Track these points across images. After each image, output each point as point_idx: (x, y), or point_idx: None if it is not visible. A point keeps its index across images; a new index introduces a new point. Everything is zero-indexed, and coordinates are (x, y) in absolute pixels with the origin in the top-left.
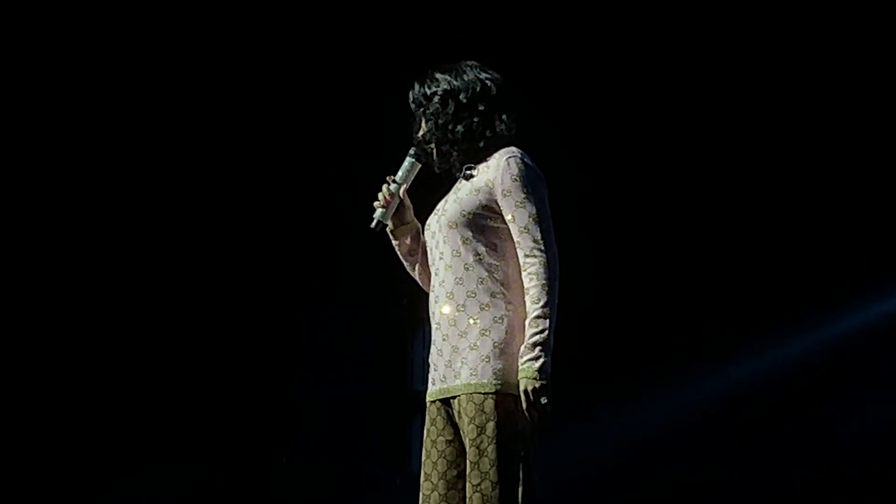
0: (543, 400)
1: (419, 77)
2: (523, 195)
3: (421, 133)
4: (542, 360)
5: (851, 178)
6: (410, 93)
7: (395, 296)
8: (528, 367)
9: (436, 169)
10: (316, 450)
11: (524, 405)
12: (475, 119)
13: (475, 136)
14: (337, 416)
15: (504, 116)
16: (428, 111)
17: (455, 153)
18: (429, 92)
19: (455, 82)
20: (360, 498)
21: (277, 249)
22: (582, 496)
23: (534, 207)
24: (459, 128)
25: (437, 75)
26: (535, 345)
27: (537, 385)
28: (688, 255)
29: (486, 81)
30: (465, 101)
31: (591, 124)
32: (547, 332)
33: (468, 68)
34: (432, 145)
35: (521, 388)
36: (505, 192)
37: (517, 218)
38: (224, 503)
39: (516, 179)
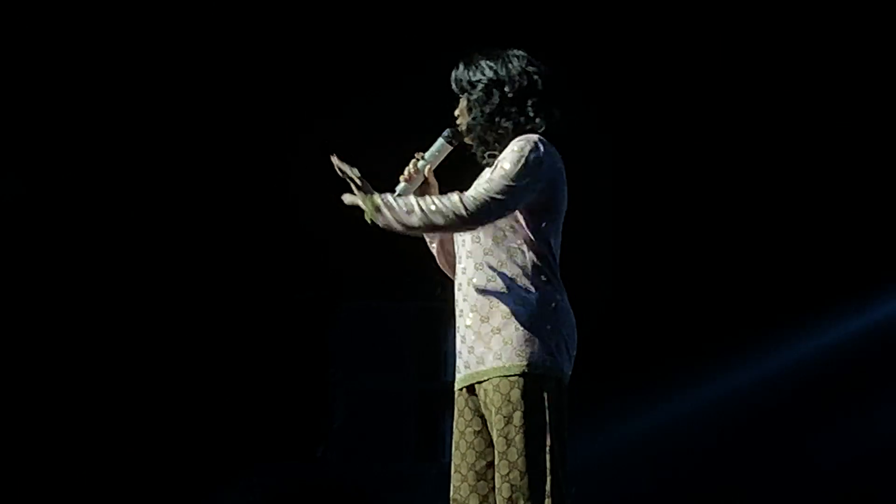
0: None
1: (464, 58)
2: (510, 165)
3: (465, 122)
4: (381, 209)
5: (868, 181)
6: (453, 72)
7: (428, 287)
8: (373, 198)
9: (478, 160)
10: (350, 443)
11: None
12: (523, 116)
13: (521, 130)
14: (371, 408)
15: (554, 111)
16: (472, 98)
17: (498, 145)
18: (473, 78)
19: (501, 72)
20: (395, 490)
21: (310, 244)
22: (601, 490)
23: (512, 173)
24: (507, 123)
25: (482, 62)
26: (394, 205)
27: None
28: (708, 255)
29: (534, 76)
30: (511, 95)
31: (607, 136)
32: (405, 217)
33: (515, 59)
34: (478, 132)
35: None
36: (500, 159)
37: (493, 175)
38: (260, 497)
39: (515, 152)
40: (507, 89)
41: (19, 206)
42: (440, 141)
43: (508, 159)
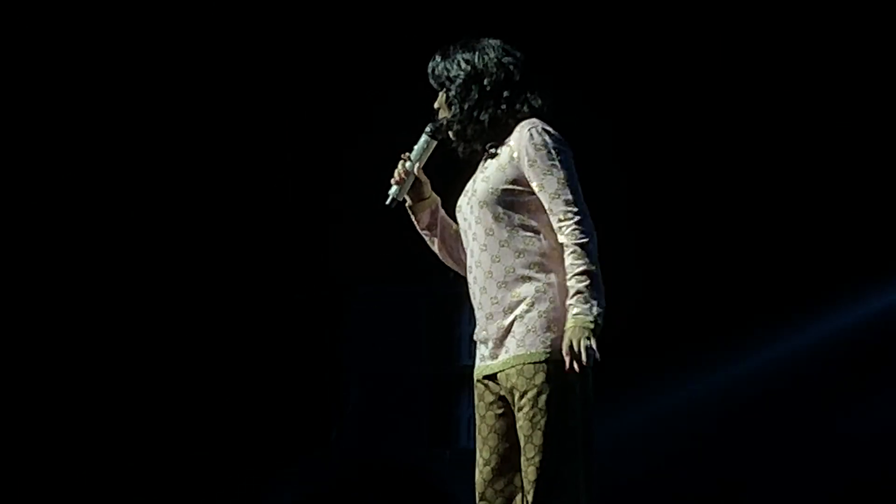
0: (589, 342)
1: (441, 50)
2: (549, 162)
3: (445, 116)
4: (594, 306)
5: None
6: (431, 63)
7: (440, 271)
8: (580, 317)
9: (459, 154)
10: (364, 428)
11: (566, 348)
12: (501, 107)
13: (500, 123)
14: (384, 393)
15: (528, 95)
16: (450, 93)
17: (479, 138)
18: (451, 74)
19: (479, 66)
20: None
21: (323, 230)
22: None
23: (561, 172)
24: (485, 116)
25: (459, 56)
26: (582, 296)
27: (588, 328)
28: (717, 243)
29: (510, 66)
30: (489, 88)
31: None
32: (592, 282)
33: (490, 49)
34: (457, 128)
35: (568, 336)
36: (531, 162)
37: (546, 185)
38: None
39: (540, 148)
40: (485, 82)
41: (20, 206)
42: (424, 137)
43: (539, 158)
